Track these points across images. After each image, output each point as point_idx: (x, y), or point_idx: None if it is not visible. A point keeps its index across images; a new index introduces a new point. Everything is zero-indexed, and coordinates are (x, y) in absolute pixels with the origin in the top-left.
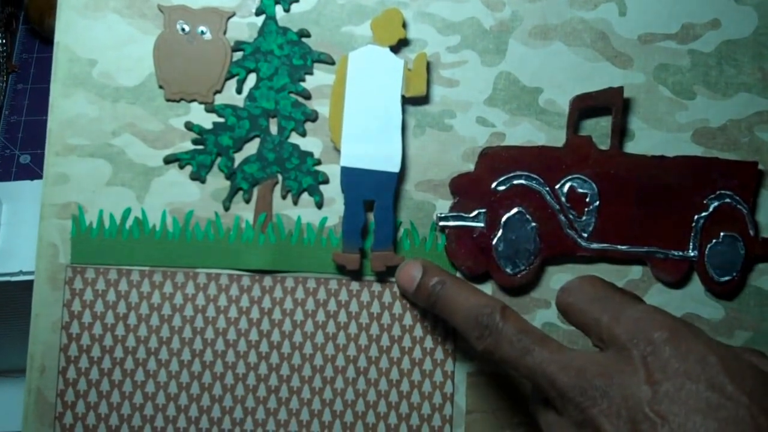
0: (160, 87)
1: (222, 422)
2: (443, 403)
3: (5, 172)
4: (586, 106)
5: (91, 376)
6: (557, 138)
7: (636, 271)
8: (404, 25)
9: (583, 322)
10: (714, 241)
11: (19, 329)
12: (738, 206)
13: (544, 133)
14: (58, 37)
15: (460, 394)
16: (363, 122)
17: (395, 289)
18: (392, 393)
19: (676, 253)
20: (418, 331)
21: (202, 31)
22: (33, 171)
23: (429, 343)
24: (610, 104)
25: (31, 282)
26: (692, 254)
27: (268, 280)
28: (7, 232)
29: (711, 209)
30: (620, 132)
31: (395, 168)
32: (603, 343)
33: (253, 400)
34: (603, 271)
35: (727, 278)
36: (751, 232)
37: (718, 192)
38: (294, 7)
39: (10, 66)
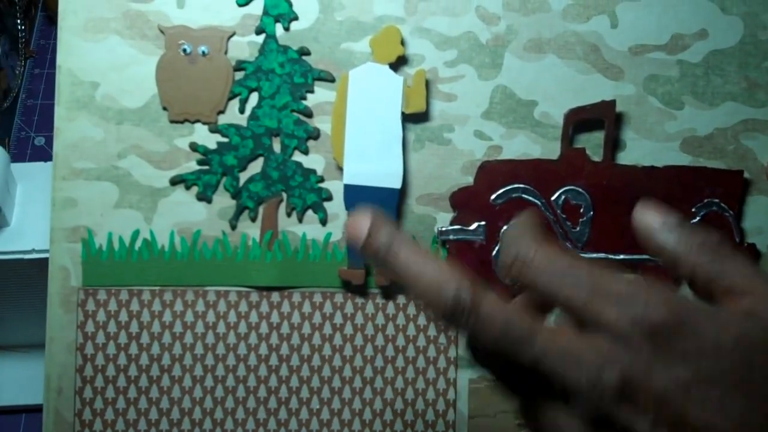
0: (164, 108)
1: None
2: (446, 409)
3: (20, 153)
4: (579, 120)
5: (107, 395)
6: (552, 150)
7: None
8: (402, 43)
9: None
10: None
11: (31, 304)
12: (724, 213)
13: (539, 146)
14: (60, 60)
15: (463, 400)
16: (364, 140)
17: (398, 301)
18: (398, 401)
19: None
20: (421, 341)
21: (203, 52)
22: (47, 153)
23: (432, 352)
24: (603, 117)
25: (43, 260)
26: None
27: (275, 296)
28: (21, 211)
29: (699, 217)
30: (613, 144)
31: (397, 184)
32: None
33: (264, 412)
34: None
35: None
36: (737, 239)
37: (705, 200)
38: (293, 25)
39: (28, 51)
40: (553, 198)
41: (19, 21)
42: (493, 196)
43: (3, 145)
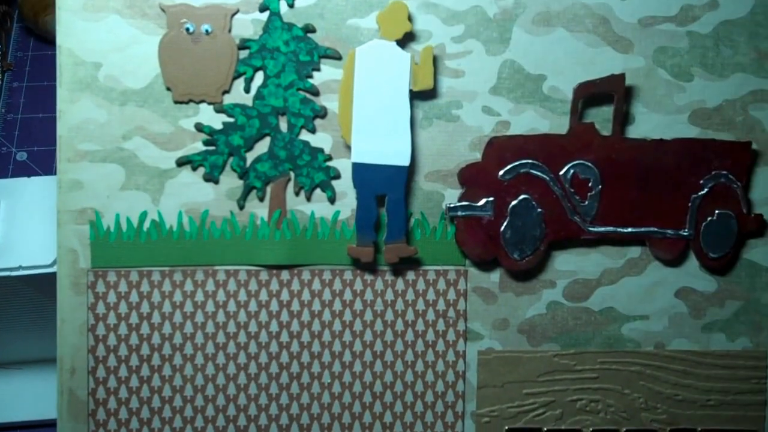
0: (168, 89)
1: (248, 408)
2: (456, 381)
3: (2, 169)
4: (588, 94)
5: (120, 374)
6: (561, 125)
7: (634, 251)
8: (409, 18)
9: None
10: (709, 219)
11: (19, 321)
12: (732, 185)
13: (548, 120)
14: (60, 40)
15: (472, 371)
16: (372, 118)
17: (407, 276)
18: (408, 373)
19: (673, 232)
20: (431, 315)
21: (206, 30)
22: (30, 168)
23: (441, 325)
24: (612, 91)
25: (30, 276)
26: (688, 233)
27: (285, 274)
28: (5, 228)
29: (706, 189)
30: (622, 118)
31: (405, 162)
32: None
33: (276, 387)
34: (604, 251)
35: (720, 254)
36: (744, 209)
37: (713, 172)
38: (298, 1)
39: (5, 64)
40: (561, 173)
41: None
42: (501, 172)
43: None
